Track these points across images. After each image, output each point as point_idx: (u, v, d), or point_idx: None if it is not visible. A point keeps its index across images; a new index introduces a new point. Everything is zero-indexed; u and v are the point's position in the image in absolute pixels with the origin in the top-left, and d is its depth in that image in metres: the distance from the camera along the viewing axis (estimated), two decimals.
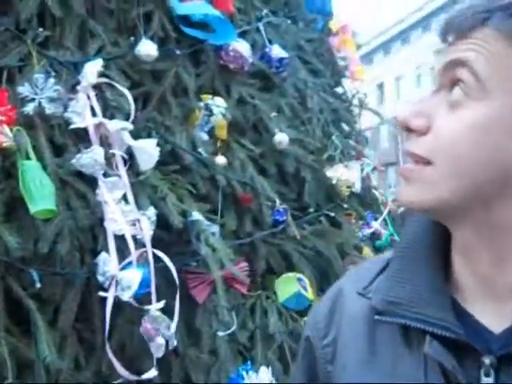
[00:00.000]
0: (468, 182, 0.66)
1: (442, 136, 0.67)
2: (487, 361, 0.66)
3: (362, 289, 0.79)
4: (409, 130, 0.70)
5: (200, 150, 2.06)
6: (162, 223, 1.84)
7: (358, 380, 0.75)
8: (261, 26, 2.51)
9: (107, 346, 1.56)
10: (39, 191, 1.50)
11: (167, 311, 1.73)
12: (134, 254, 1.62)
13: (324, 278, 2.35)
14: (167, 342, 1.67)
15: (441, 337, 0.68)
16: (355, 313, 0.79)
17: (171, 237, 1.91)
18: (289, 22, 2.79)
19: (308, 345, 0.85)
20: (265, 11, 2.57)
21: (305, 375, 0.86)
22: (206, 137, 2.13)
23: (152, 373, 1.62)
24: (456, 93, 0.67)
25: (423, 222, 0.77)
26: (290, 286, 2.18)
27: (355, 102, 3.09)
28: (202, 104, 2.14)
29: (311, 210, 2.42)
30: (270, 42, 2.50)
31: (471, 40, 0.67)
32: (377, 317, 0.74)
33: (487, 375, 0.66)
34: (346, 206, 2.63)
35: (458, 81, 0.67)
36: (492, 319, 0.69)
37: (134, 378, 1.59)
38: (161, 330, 1.66)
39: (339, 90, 3.06)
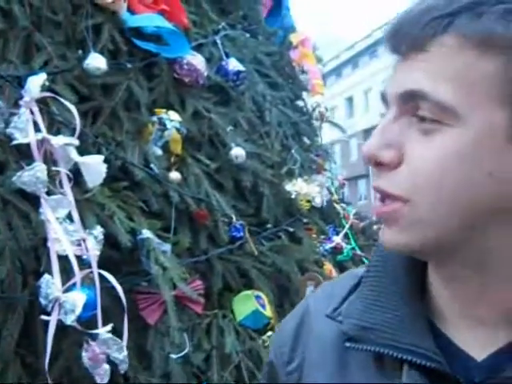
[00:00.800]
0: (455, 215, 0.59)
1: (418, 168, 0.59)
2: None
3: (331, 311, 0.71)
4: (378, 164, 0.61)
5: (152, 165, 2.00)
6: (111, 242, 1.78)
7: None
8: (217, 39, 2.48)
9: (47, 375, 1.49)
10: None
11: (116, 334, 1.66)
12: (79, 274, 1.56)
13: (283, 295, 2.31)
14: (116, 366, 1.60)
15: (419, 365, 0.62)
16: (324, 336, 0.72)
17: (122, 256, 1.85)
18: (247, 35, 2.77)
19: (271, 370, 0.78)
20: (222, 24, 2.54)
21: None
22: (159, 152, 2.08)
23: None
24: (426, 122, 0.59)
25: None
26: (247, 303, 2.13)
27: (316, 115, 3.07)
28: (155, 118, 2.09)
29: (270, 225, 2.37)
30: (227, 55, 2.47)
31: (430, 56, 0.58)
32: (348, 344, 0.67)
33: None
34: (306, 220, 2.60)
35: (421, 112, 0.59)
36: (473, 345, 0.64)
37: None
38: (111, 354, 1.59)
39: (300, 103, 3.03)
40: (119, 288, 1.63)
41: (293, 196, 2.49)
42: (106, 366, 1.56)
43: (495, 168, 0.57)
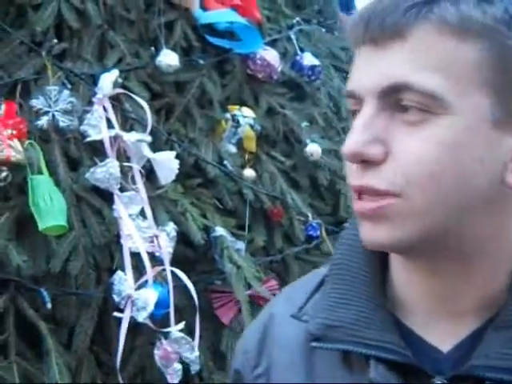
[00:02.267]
0: (448, 206, 0.57)
1: (406, 161, 0.56)
2: (438, 382, 0.60)
3: (296, 310, 0.69)
4: (362, 161, 0.57)
5: (226, 162, 1.96)
6: (185, 240, 1.76)
7: None
8: (292, 34, 2.42)
9: (118, 374, 1.47)
10: (49, 207, 1.44)
11: (190, 333, 1.63)
12: (151, 272, 1.53)
13: None
14: (188, 366, 1.57)
15: (386, 360, 0.61)
16: (289, 338, 0.70)
17: (195, 254, 1.82)
18: (323, 30, 2.70)
19: (237, 377, 0.75)
20: (296, 19, 2.48)
21: None
22: (233, 149, 2.04)
23: None
24: (411, 113, 0.56)
25: (358, 236, 0.66)
26: None
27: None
28: (228, 115, 2.05)
29: (347, 224, 2.28)
30: (302, 50, 2.40)
31: (410, 44, 0.55)
32: (314, 343, 0.65)
33: None
34: None
35: (407, 103, 0.56)
36: (439, 337, 0.63)
37: None
38: (182, 353, 1.56)
39: None
40: (191, 286, 1.60)
41: None
42: (178, 366, 1.52)
43: (485, 155, 0.57)
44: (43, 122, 1.59)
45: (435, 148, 0.55)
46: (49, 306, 1.47)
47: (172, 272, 1.61)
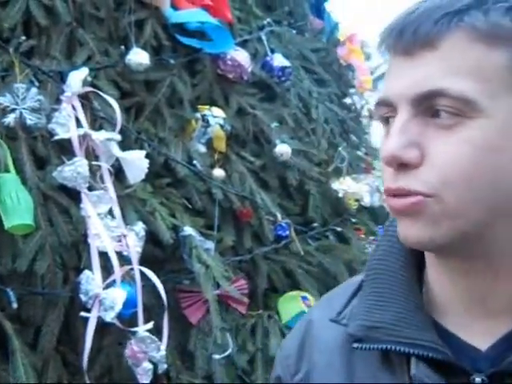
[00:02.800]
0: (481, 207, 0.59)
1: (442, 164, 0.58)
2: (478, 380, 0.62)
3: (335, 315, 0.72)
4: (400, 165, 0.60)
5: (196, 162, 1.96)
6: (153, 239, 1.75)
7: None
8: (262, 35, 2.43)
9: (85, 374, 1.46)
10: (15, 205, 1.42)
11: (158, 333, 1.63)
12: (119, 271, 1.53)
13: None
14: (156, 366, 1.57)
15: (426, 359, 0.63)
16: (328, 342, 0.73)
17: (164, 253, 1.82)
18: (293, 31, 2.71)
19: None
20: (267, 20, 2.49)
21: None
22: (203, 149, 2.05)
23: None
24: (445, 118, 0.59)
25: (394, 240, 0.70)
26: (293, 304, 2.06)
27: (365, 112, 2.98)
28: (198, 115, 2.05)
29: (316, 224, 2.30)
30: (273, 51, 2.42)
31: (442, 52, 0.58)
32: (356, 344, 0.67)
33: None
34: (354, 220, 2.51)
35: (440, 108, 0.59)
36: (477, 337, 0.64)
37: None
38: (149, 353, 1.55)
39: (347, 100, 2.95)
40: (160, 285, 1.60)
41: (340, 195, 2.41)
42: (148, 365, 1.52)
43: None
44: (10, 119, 1.56)
45: (470, 150, 0.57)
46: (14, 305, 1.45)
47: (140, 271, 1.60)
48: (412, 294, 0.67)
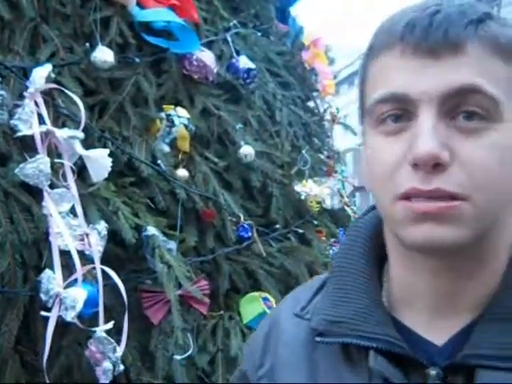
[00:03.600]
0: (501, 207, 0.63)
1: (474, 167, 0.60)
2: (433, 373, 0.64)
3: (299, 310, 0.76)
4: (435, 165, 0.60)
5: (160, 162, 1.96)
6: (116, 239, 1.74)
7: None
8: (228, 36, 2.44)
9: (45, 375, 1.44)
10: None
11: (118, 333, 1.61)
12: (80, 270, 1.51)
13: None
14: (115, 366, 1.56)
15: (385, 352, 0.66)
16: (293, 336, 0.76)
17: (126, 253, 1.81)
18: (259, 34, 2.73)
19: (242, 376, 0.80)
20: (233, 22, 2.50)
21: None
22: (167, 149, 2.04)
23: None
24: (474, 120, 0.61)
25: (357, 239, 0.74)
26: (254, 305, 2.07)
27: (328, 116, 3.02)
28: (163, 114, 2.05)
29: (278, 226, 2.32)
30: (238, 53, 2.43)
31: (470, 56, 0.60)
32: (318, 338, 0.70)
33: None
34: (316, 222, 2.54)
35: (470, 108, 0.60)
36: (434, 332, 0.67)
37: None
38: (106, 353, 1.54)
39: (310, 104, 2.98)
40: (121, 285, 1.59)
41: (302, 197, 2.44)
42: (109, 365, 1.51)
43: None
44: None
45: (498, 154, 0.60)
46: None
47: (102, 271, 1.59)
48: (373, 290, 0.70)
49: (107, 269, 1.59)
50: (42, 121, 1.63)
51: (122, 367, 1.52)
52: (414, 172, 0.61)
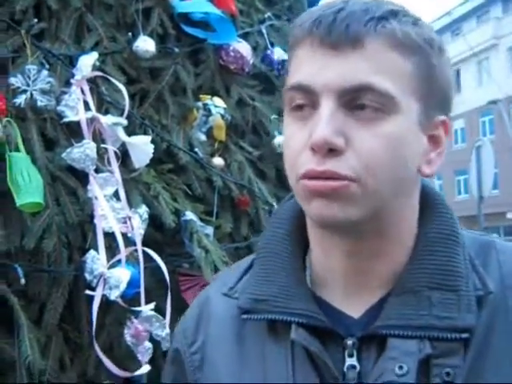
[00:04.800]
0: (392, 190, 0.69)
1: (365, 153, 0.67)
2: (349, 342, 0.70)
3: (227, 289, 0.80)
4: (330, 150, 0.67)
5: (197, 150, 2.01)
6: (155, 223, 1.80)
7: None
8: (263, 28, 2.47)
9: (95, 345, 1.50)
10: (26, 184, 1.46)
11: (159, 314, 1.67)
12: (124, 251, 1.57)
13: None
14: (156, 345, 1.61)
15: (306, 326, 0.71)
16: (222, 315, 0.80)
17: (165, 237, 1.87)
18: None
19: (175, 355, 0.83)
20: (268, 14, 2.53)
21: None
22: (203, 137, 2.09)
23: (144, 369, 1.56)
24: (368, 112, 0.67)
25: (282, 221, 0.79)
26: None
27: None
28: (200, 104, 2.10)
29: None
30: (273, 44, 2.46)
31: (368, 50, 0.65)
32: (244, 316, 0.75)
33: (350, 356, 0.70)
34: None
35: (364, 102, 0.66)
36: (352, 306, 0.73)
37: (124, 374, 1.53)
38: (153, 331, 1.60)
39: None
40: (163, 266, 1.64)
41: None
42: (148, 344, 1.56)
43: (415, 148, 0.70)
44: (21, 100, 1.60)
45: (387, 142, 0.67)
46: (22, 281, 1.49)
47: (143, 253, 1.65)
48: (295, 269, 0.76)
49: (150, 251, 1.64)
50: (87, 107, 1.69)
51: (168, 344, 1.57)
52: (313, 155, 0.67)
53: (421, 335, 0.68)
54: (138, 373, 1.57)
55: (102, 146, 1.67)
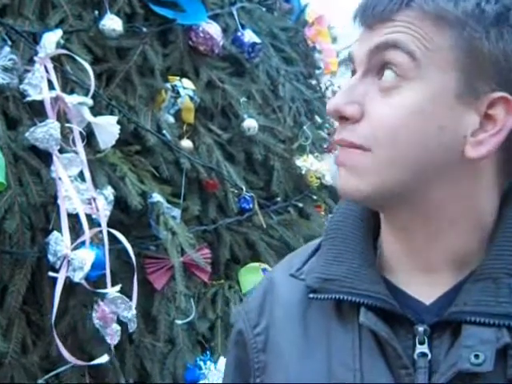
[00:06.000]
0: (409, 166, 0.65)
1: (377, 123, 0.65)
2: (421, 329, 0.67)
3: (294, 271, 0.79)
4: (342, 118, 0.67)
5: (165, 132, 1.98)
6: (121, 205, 1.78)
7: (294, 370, 0.74)
8: (234, 10, 2.44)
9: (54, 331, 1.48)
10: None
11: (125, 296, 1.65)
12: (88, 233, 1.55)
13: None
14: (122, 327, 1.60)
15: (375, 308, 0.68)
16: (287, 297, 0.78)
17: (131, 219, 1.85)
18: (263, 9, 2.73)
19: (239, 337, 0.82)
20: None
21: (236, 369, 0.83)
22: (171, 119, 2.06)
23: (103, 358, 1.55)
24: (388, 76, 0.66)
25: (352, 205, 0.77)
26: (253, 275, 2.11)
27: (329, 94, 3.04)
28: (168, 85, 2.07)
29: (279, 199, 2.36)
30: (243, 27, 2.43)
31: (397, 23, 0.65)
32: (311, 295, 0.73)
33: (421, 343, 0.67)
34: (315, 197, 2.58)
35: (388, 64, 0.65)
36: (423, 292, 0.71)
37: (81, 363, 1.51)
38: (120, 313, 1.58)
39: (313, 81, 3.00)
40: (129, 247, 1.62)
41: (303, 172, 2.47)
42: (116, 327, 1.55)
43: (446, 124, 0.64)
44: None
45: (402, 113, 0.64)
46: None
47: (108, 234, 1.63)
48: (365, 251, 0.73)
49: (116, 232, 1.62)
50: (51, 86, 1.65)
51: (135, 326, 1.56)
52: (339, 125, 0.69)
53: (499, 323, 0.64)
54: (96, 362, 1.55)
55: (67, 125, 1.64)
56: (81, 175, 1.63)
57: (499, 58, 0.64)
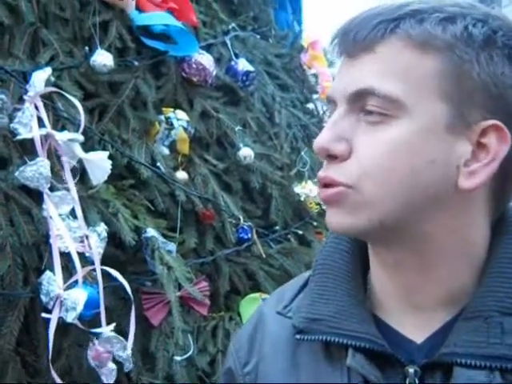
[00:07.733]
0: (400, 201, 0.64)
1: (366, 160, 0.64)
2: (411, 370, 0.65)
3: (281, 308, 0.77)
4: (330, 156, 0.66)
5: (159, 164, 1.97)
6: (115, 241, 1.75)
7: None
8: (227, 39, 2.45)
9: (52, 370, 1.45)
10: None
11: (120, 335, 1.62)
12: (81, 272, 1.52)
13: None
14: (119, 366, 1.57)
15: (364, 350, 0.66)
16: (276, 334, 0.77)
17: (126, 255, 1.82)
18: (258, 37, 2.74)
19: (229, 376, 0.80)
20: (232, 25, 2.51)
21: None
22: (166, 151, 2.05)
23: None
24: (373, 116, 0.64)
25: (341, 239, 0.75)
26: (254, 306, 2.07)
27: (326, 118, 3.03)
28: (162, 117, 2.06)
29: (278, 227, 2.33)
30: (237, 56, 2.44)
31: (378, 55, 0.63)
32: (298, 336, 0.71)
33: None
34: (315, 223, 2.55)
35: (368, 108, 0.64)
36: (413, 330, 0.68)
37: None
38: (115, 352, 1.55)
39: (310, 106, 3.00)
40: (126, 284, 1.59)
41: (302, 198, 2.45)
42: (112, 366, 1.52)
43: (437, 156, 0.62)
44: None
45: (389, 149, 0.63)
46: None
47: (103, 273, 1.60)
48: (354, 289, 0.71)
49: (111, 269, 1.60)
50: (41, 124, 1.65)
51: (131, 366, 1.53)
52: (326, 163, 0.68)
53: (491, 365, 0.62)
54: None
55: (59, 162, 1.62)
56: (73, 213, 1.61)
57: (488, 82, 0.62)
